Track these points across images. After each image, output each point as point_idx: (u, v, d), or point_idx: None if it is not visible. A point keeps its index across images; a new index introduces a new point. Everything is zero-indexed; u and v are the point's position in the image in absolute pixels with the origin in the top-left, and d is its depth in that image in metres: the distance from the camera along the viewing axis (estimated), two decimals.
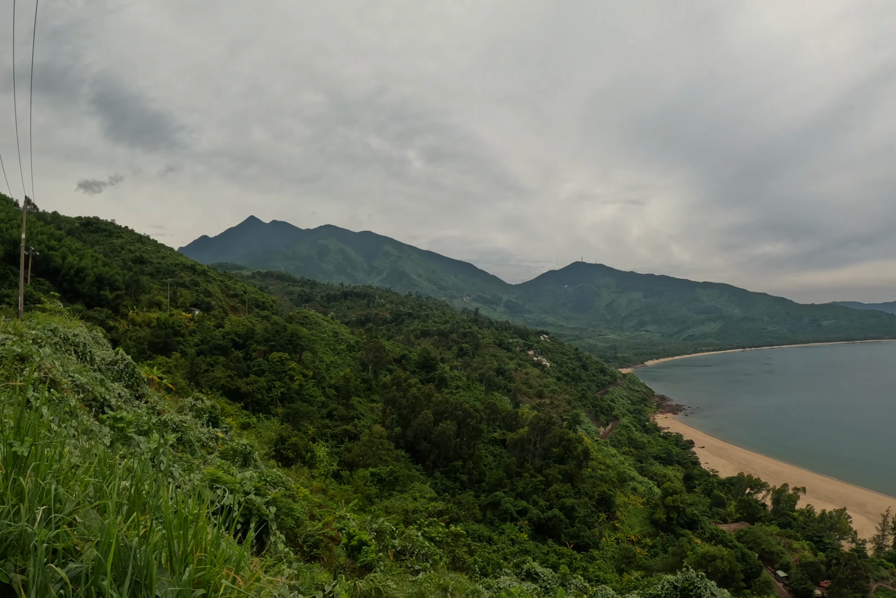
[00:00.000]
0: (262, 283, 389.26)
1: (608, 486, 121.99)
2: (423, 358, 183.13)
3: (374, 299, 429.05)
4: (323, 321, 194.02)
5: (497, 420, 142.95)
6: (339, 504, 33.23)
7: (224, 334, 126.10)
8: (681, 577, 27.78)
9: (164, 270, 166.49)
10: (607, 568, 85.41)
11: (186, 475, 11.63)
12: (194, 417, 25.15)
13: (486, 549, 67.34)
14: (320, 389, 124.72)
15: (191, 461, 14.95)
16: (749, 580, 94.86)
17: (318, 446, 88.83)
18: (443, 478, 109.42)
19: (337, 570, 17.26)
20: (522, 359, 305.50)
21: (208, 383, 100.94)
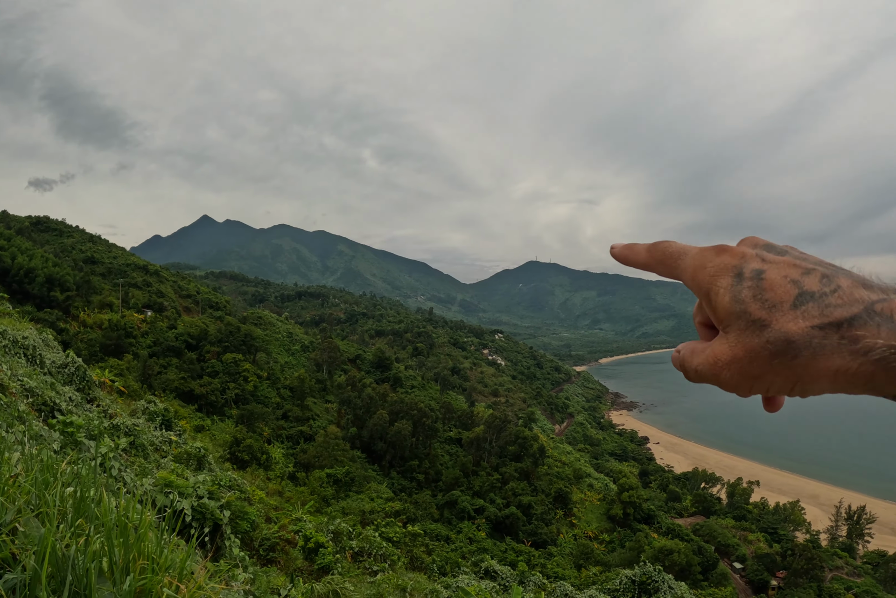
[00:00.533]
0: (216, 283, 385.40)
1: (564, 483, 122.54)
2: (377, 358, 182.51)
3: (328, 298, 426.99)
4: (277, 322, 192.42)
5: (453, 419, 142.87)
6: (295, 506, 32.90)
7: (177, 335, 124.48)
8: (638, 571, 27.94)
9: (116, 271, 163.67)
10: (566, 564, 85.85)
11: (139, 480, 11.35)
12: (147, 420, 24.69)
13: (445, 548, 67.33)
14: (275, 390, 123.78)
15: (143, 466, 14.63)
16: (706, 572, 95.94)
17: (273, 448, 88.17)
18: (399, 478, 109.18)
19: (294, 573, 17.02)
20: (477, 358, 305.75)
21: (161, 385, 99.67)
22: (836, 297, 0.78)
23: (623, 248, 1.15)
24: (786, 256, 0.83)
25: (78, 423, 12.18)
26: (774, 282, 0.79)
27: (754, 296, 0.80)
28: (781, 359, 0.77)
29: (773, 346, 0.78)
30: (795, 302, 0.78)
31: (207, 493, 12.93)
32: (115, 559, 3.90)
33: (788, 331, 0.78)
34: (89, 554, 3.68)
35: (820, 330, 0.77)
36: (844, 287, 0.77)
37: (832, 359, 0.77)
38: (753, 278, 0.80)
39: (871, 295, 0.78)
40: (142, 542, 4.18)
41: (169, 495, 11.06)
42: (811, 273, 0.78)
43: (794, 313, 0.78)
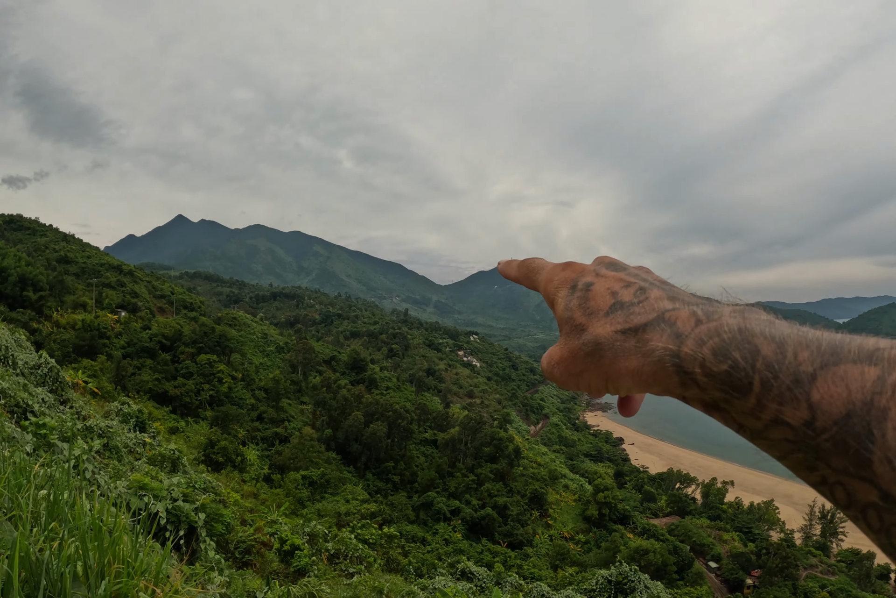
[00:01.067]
0: (190, 283, 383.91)
1: (540, 484, 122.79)
2: (352, 359, 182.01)
3: (303, 299, 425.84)
4: (252, 323, 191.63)
5: (428, 421, 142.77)
6: (270, 509, 32.72)
7: (151, 336, 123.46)
8: (615, 571, 28.06)
9: (90, 271, 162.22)
10: (542, 565, 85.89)
11: (112, 483, 11.20)
12: (121, 422, 24.45)
13: (421, 550, 67.20)
14: (249, 391, 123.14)
15: (117, 468, 14.45)
16: (682, 572, 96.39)
17: (248, 450, 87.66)
18: (375, 479, 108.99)
19: (270, 576, 16.90)
20: (452, 359, 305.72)
21: (135, 386, 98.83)
22: (641, 306, 0.79)
23: (504, 264, 1.29)
24: (621, 272, 0.89)
25: (51, 425, 12.02)
26: (597, 293, 0.84)
27: (580, 305, 0.85)
28: (592, 358, 0.80)
29: (586, 347, 0.81)
30: (609, 310, 0.80)
31: (182, 495, 12.79)
32: (89, 564, 3.81)
33: (598, 334, 0.79)
34: (63, 558, 3.59)
35: (622, 334, 0.79)
36: (651, 298, 0.78)
37: (630, 359, 0.79)
38: (583, 290, 0.87)
39: (669, 305, 0.80)
40: (117, 546, 4.09)
41: (143, 498, 10.93)
42: (630, 286, 0.82)
43: (606, 319, 0.80)
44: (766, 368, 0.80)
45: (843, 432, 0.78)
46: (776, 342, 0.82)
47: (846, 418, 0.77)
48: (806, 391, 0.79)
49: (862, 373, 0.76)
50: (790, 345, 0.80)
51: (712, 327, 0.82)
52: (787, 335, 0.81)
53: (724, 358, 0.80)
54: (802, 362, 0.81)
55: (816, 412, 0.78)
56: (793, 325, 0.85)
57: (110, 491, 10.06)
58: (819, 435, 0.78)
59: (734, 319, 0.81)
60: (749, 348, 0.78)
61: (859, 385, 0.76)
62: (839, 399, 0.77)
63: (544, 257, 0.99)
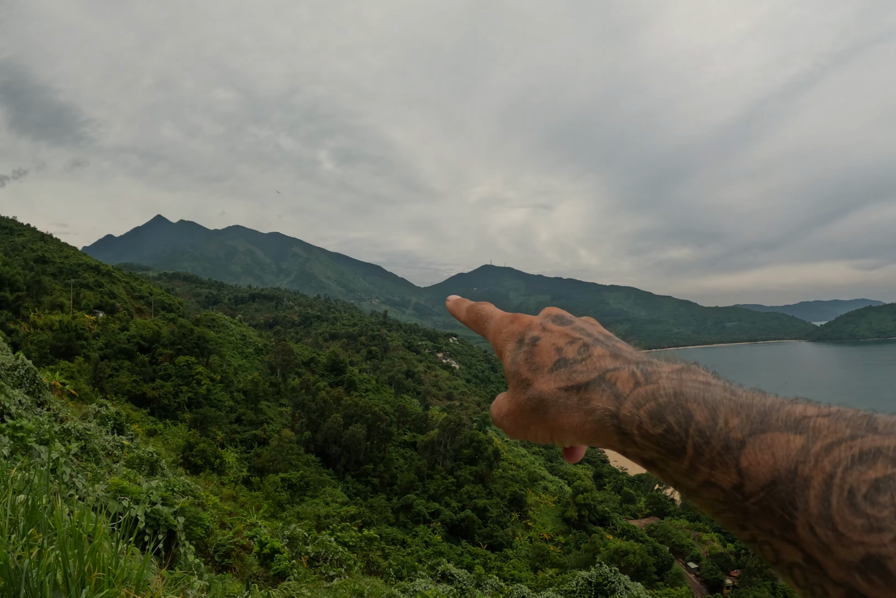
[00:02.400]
0: (169, 284, 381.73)
1: (519, 486, 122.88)
2: (331, 361, 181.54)
3: (282, 301, 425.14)
4: (231, 324, 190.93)
5: (407, 423, 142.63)
6: (250, 511, 32.57)
7: (129, 337, 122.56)
8: (595, 572, 28.00)
9: (67, 271, 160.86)
10: (522, 567, 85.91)
11: (90, 486, 11.07)
12: (98, 424, 24.25)
13: (401, 552, 67.10)
14: (228, 393, 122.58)
15: (95, 471, 14.29)
16: (661, 572, 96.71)
17: (226, 452, 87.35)
18: (354, 482, 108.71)
19: (250, 579, 16.78)
20: (432, 361, 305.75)
21: (113, 388, 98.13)
22: (584, 364, 0.85)
23: (453, 303, 1.29)
24: (566, 326, 0.93)
25: (28, 427, 11.84)
26: (543, 348, 0.88)
27: (526, 359, 0.88)
28: (537, 413, 0.85)
29: (532, 402, 0.85)
30: (553, 367, 0.85)
31: (161, 499, 12.65)
32: (69, 572, 3.71)
33: (542, 390, 0.85)
34: (43, 566, 3.50)
35: (565, 391, 0.85)
36: (594, 356, 0.85)
37: (572, 416, 0.85)
38: (529, 344, 0.90)
39: (610, 364, 0.86)
40: (97, 552, 3.99)
41: (122, 502, 10.79)
42: (574, 342, 0.87)
43: (550, 375, 0.85)
44: (699, 433, 0.83)
45: (769, 497, 0.82)
46: (709, 408, 0.83)
47: (772, 485, 0.81)
48: (735, 458, 0.83)
49: (788, 441, 0.80)
50: (722, 411, 0.82)
51: (650, 390, 0.85)
52: (719, 401, 0.82)
53: (660, 422, 0.83)
54: (733, 428, 0.83)
55: (745, 478, 0.82)
56: (727, 387, 0.86)
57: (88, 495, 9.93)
58: (747, 499, 0.84)
59: (671, 381, 0.83)
60: (683, 412, 0.81)
61: (784, 454, 0.80)
62: (766, 466, 0.81)
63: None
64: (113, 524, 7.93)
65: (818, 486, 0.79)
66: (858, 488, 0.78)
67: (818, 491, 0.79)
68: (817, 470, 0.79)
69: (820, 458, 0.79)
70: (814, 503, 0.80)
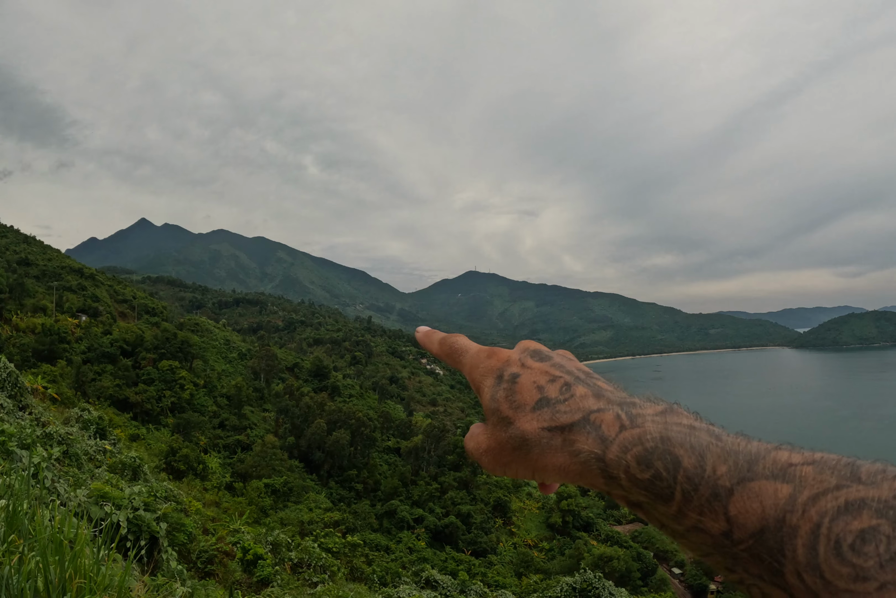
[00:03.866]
0: (153, 288, 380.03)
1: (503, 492, 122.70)
2: (315, 366, 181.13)
3: (266, 306, 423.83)
4: (214, 329, 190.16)
5: (391, 429, 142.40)
6: (233, 517, 32.40)
7: (112, 341, 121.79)
8: (579, 578, 28.02)
9: (51, 274, 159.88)
10: (506, 573, 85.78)
11: (72, 491, 10.93)
12: (81, 428, 24.08)
13: (385, 558, 66.79)
14: (212, 398, 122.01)
15: (77, 476, 14.13)
16: (645, 578, 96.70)
17: (209, 458, 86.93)
18: (338, 488, 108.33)
19: (233, 586, 16.60)
20: (416, 367, 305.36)
21: (95, 392, 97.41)
22: (567, 404, 0.87)
23: (423, 335, 1.34)
24: (545, 362, 0.92)
25: (10, 431, 11.70)
26: (524, 386, 0.88)
27: (506, 397, 0.88)
28: (520, 452, 0.87)
29: (514, 441, 0.87)
30: (535, 405, 0.86)
31: (143, 504, 12.51)
32: (51, 578, 3.61)
33: (525, 430, 0.87)
34: (24, 573, 3.39)
35: (549, 432, 0.86)
36: (577, 396, 0.86)
37: (556, 456, 0.86)
38: (509, 381, 0.89)
39: (594, 405, 0.88)
40: (78, 559, 3.90)
41: (104, 507, 10.65)
42: (556, 381, 0.87)
43: (533, 414, 0.86)
44: (687, 481, 0.86)
45: (757, 545, 0.84)
46: (697, 454, 0.87)
47: (760, 533, 0.83)
48: (724, 505, 0.85)
49: (776, 490, 0.83)
50: (710, 458, 0.87)
51: (636, 434, 0.88)
52: (706, 446, 0.86)
53: (648, 467, 0.87)
54: (721, 476, 0.86)
55: (733, 525, 0.85)
56: (712, 431, 0.88)
57: (70, 500, 9.80)
58: (736, 545, 0.85)
59: (657, 425, 0.87)
60: (671, 458, 0.86)
61: (772, 502, 0.83)
62: (754, 515, 0.84)
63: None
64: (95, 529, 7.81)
65: (806, 535, 0.80)
66: (844, 538, 0.79)
67: (806, 540, 0.81)
68: (805, 520, 0.80)
69: (807, 508, 0.80)
70: (802, 551, 0.81)
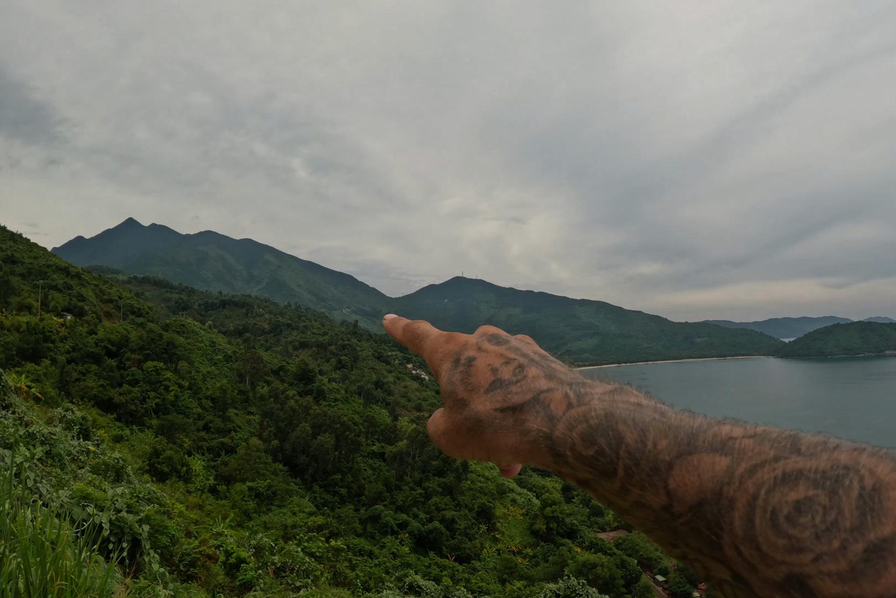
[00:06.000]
0: (139, 288, 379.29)
1: (488, 498, 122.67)
2: (301, 370, 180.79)
3: (252, 308, 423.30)
4: (200, 330, 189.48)
5: (376, 433, 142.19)
6: (216, 520, 32.20)
7: (97, 341, 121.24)
8: (563, 585, 27.94)
9: (36, 272, 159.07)
10: (490, 579, 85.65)
11: (55, 492, 10.78)
12: (64, 429, 23.89)
13: (368, 563, 66.66)
14: (196, 400, 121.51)
15: (60, 477, 13.96)
16: (629, 585, 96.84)
17: (193, 460, 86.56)
18: (322, 492, 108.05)
19: (215, 589, 16.46)
20: (401, 372, 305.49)
21: (79, 392, 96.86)
22: (518, 386, 0.84)
23: (389, 322, 1.38)
24: (502, 346, 0.91)
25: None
26: (479, 369, 0.85)
27: (462, 380, 0.86)
28: (474, 433, 0.84)
29: (468, 422, 0.85)
30: (489, 387, 0.84)
31: (126, 506, 12.36)
32: (31, 580, 3.50)
33: (478, 411, 0.84)
34: (4, 574, 3.28)
35: (501, 412, 0.84)
36: (529, 377, 0.84)
37: (508, 436, 0.84)
38: (465, 364, 0.88)
39: (545, 385, 0.85)
40: (60, 560, 3.79)
41: (86, 509, 10.50)
42: (510, 363, 0.85)
43: (486, 396, 0.84)
44: (629, 456, 0.83)
45: (696, 518, 0.83)
46: (639, 430, 0.85)
47: (699, 506, 0.82)
48: (664, 479, 0.83)
49: (713, 463, 0.81)
50: (651, 433, 0.84)
51: (582, 412, 0.85)
52: (649, 422, 0.84)
53: (592, 444, 0.84)
54: (661, 450, 0.84)
55: (673, 499, 0.82)
56: (658, 408, 0.87)
57: (53, 501, 9.65)
58: (676, 519, 0.84)
59: (603, 403, 0.84)
60: (614, 434, 0.82)
61: (710, 475, 0.81)
62: (692, 488, 0.81)
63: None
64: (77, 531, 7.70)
65: (742, 507, 0.81)
66: (780, 509, 0.80)
67: (742, 512, 0.81)
68: (741, 492, 0.80)
69: (744, 479, 0.80)
70: (738, 523, 0.82)
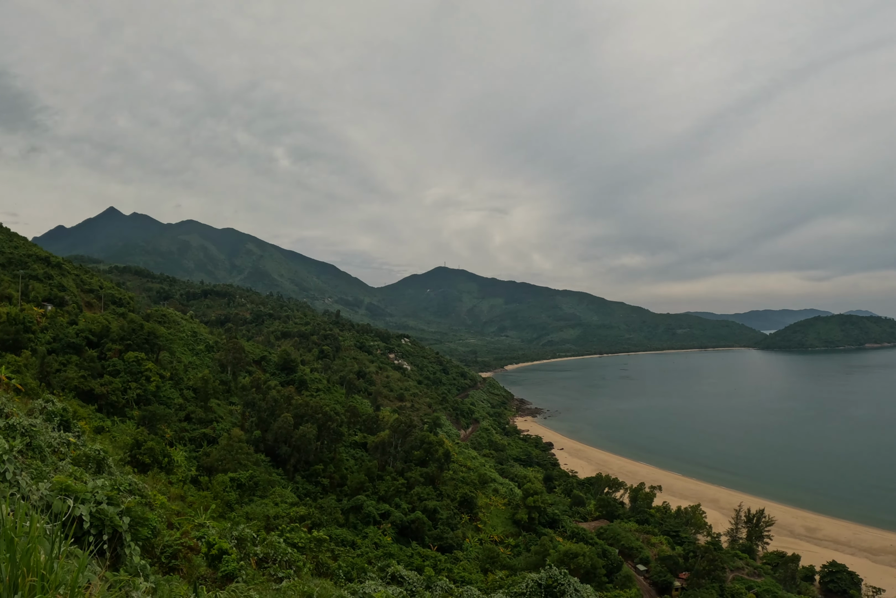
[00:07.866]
0: (120, 278, 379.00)
1: (470, 488, 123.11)
2: (283, 360, 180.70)
3: (234, 298, 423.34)
4: (182, 320, 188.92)
5: (358, 423, 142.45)
6: (198, 511, 32.00)
7: (78, 331, 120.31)
8: (545, 575, 27.95)
9: (16, 262, 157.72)
10: (472, 569, 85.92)
11: (34, 484, 10.58)
12: (45, 420, 23.71)
13: (350, 554, 66.58)
14: (178, 390, 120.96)
15: (40, 469, 13.76)
16: (611, 574, 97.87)
17: (175, 451, 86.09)
18: (304, 482, 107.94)
19: (197, 581, 16.29)
20: (383, 362, 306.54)
21: (60, 383, 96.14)
22: None
23: None
24: None
25: None
26: None
27: None
28: None
29: None
30: None
31: (106, 498, 12.17)
32: (1, 577, 3.33)
33: None
34: None
35: None
36: None
37: None
38: None
39: None
40: (31, 555, 3.61)
41: (66, 501, 10.30)
42: None
43: None
44: None
45: None
46: None
47: None
48: None
49: None
50: None
51: None
52: None
53: None
54: None
55: None
56: None
57: (32, 494, 9.45)
58: None
59: None
60: None
61: None
62: None
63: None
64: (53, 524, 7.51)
65: None
66: None
67: None
68: None
69: None
70: None
